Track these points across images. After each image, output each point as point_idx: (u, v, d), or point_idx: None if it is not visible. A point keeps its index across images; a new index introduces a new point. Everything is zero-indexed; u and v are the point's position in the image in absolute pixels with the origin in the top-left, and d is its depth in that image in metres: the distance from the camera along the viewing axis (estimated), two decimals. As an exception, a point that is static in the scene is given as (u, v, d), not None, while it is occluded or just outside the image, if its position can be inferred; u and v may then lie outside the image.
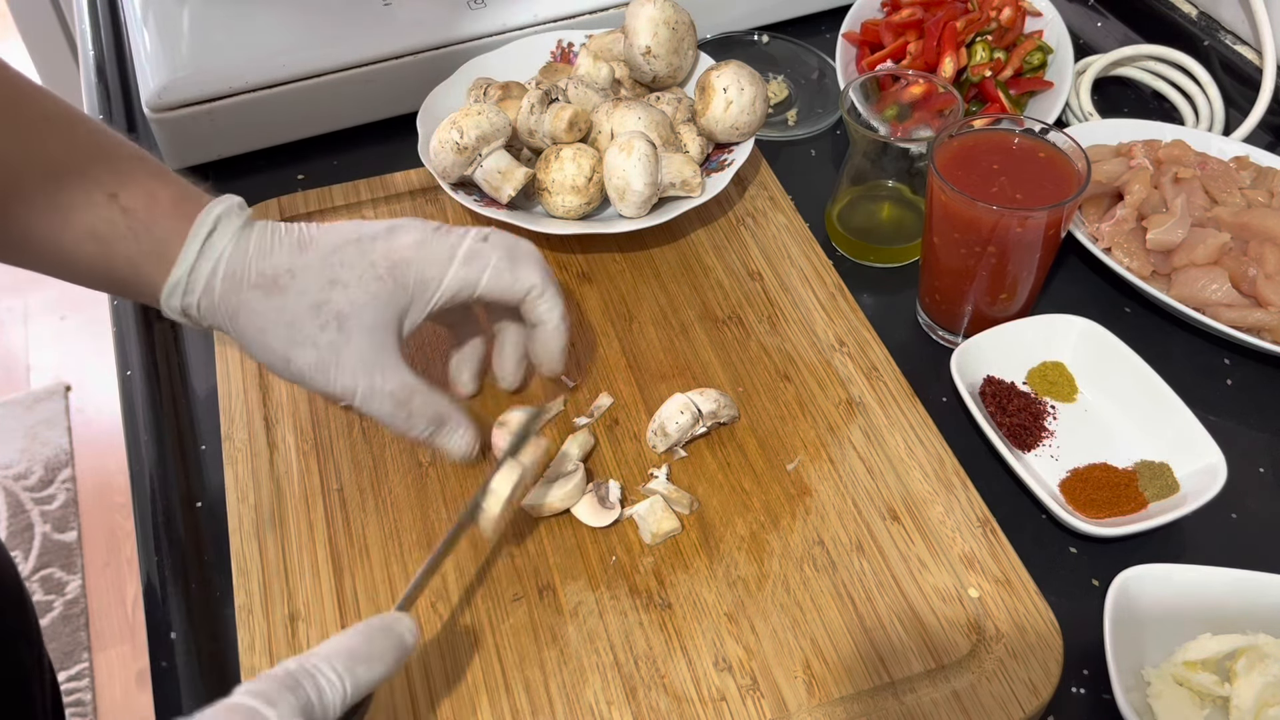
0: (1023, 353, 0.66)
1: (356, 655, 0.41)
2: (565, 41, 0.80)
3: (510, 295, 0.55)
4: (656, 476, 0.59)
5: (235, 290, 0.52)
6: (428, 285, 0.53)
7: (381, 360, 0.52)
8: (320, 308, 0.51)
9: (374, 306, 0.51)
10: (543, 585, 0.55)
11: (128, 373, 0.68)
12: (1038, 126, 0.64)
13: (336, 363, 0.51)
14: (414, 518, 0.58)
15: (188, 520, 0.60)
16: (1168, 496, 0.58)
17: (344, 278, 0.51)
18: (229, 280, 0.52)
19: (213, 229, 0.52)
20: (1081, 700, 0.53)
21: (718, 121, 0.71)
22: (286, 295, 0.51)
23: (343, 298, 0.51)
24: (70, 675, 1.58)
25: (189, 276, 0.52)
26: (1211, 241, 0.67)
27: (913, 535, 0.56)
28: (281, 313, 0.51)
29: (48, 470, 1.84)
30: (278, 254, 0.52)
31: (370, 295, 0.51)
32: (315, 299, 0.51)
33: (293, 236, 0.53)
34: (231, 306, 0.52)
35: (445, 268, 0.53)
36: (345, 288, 0.51)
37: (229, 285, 0.52)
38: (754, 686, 0.51)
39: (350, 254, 0.52)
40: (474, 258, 0.53)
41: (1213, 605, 0.53)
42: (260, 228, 0.53)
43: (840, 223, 0.74)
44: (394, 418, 0.53)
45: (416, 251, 0.53)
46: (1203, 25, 0.91)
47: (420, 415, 0.53)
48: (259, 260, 0.52)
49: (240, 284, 0.52)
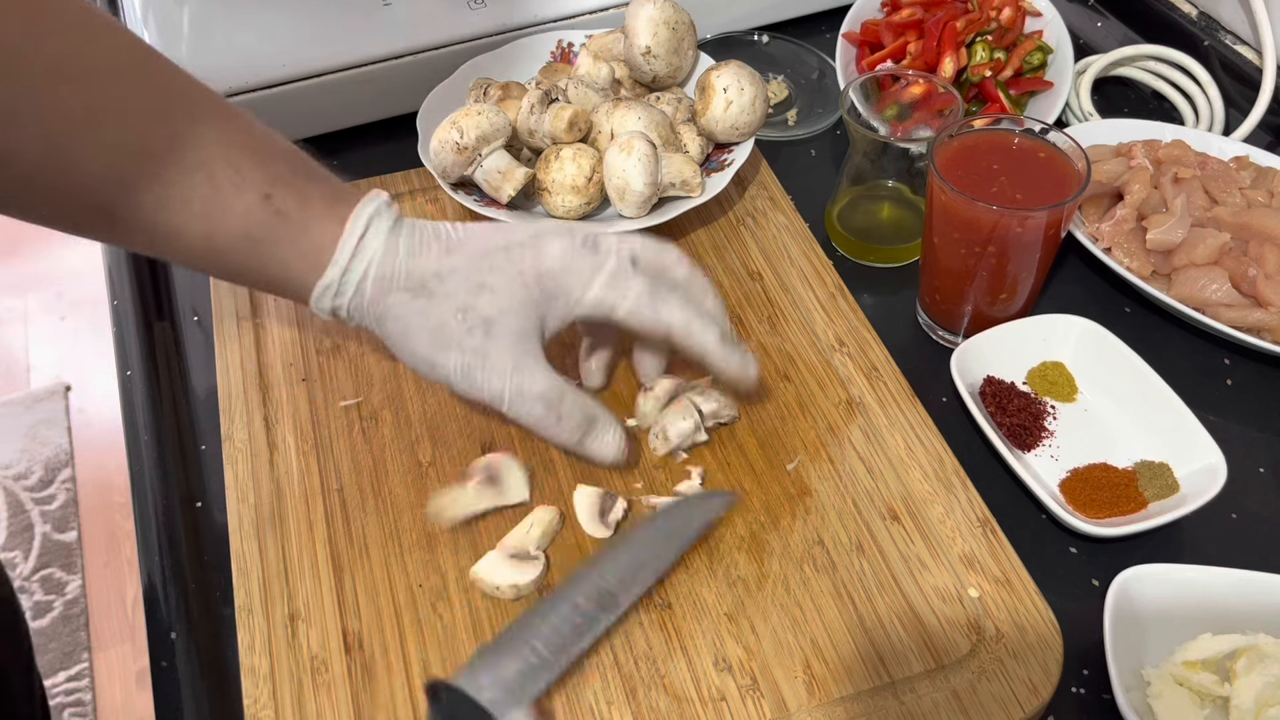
0: (1023, 353, 0.66)
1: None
2: (565, 41, 0.80)
3: (652, 331, 0.54)
4: (691, 477, 0.59)
5: (385, 293, 0.52)
6: (570, 298, 0.53)
7: (528, 364, 0.52)
8: (467, 312, 0.51)
9: (520, 312, 0.52)
10: (543, 585, 0.55)
11: (128, 373, 0.68)
12: (1038, 126, 0.64)
13: (483, 366, 0.52)
14: (414, 518, 0.58)
15: (188, 520, 0.60)
16: (1168, 496, 0.58)
17: (492, 283, 0.52)
18: (379, 283, 0.52)
19: (364, 231, 0.52)
20: (1081, 700, 0.53)
21: (718, 121, 0.71)
22: (434, 299, 0.52)
23: (490, 303, 0.51)
24: (70, 675, 1.58)
25: (341, 279, 0.52)
26: (1211, 241, 0.67)
27: (913, 535, 0.56)
28: (428, 316, 0.52)
29: (48, 470, 1.84)
30: (426, 257, 0.52)
31: (517, 301, 0.52)
32: (462, 302, 0.51)
33: (440, 240, 0.53)
34: (380, 309, 0.52)
35: (588, 286, 0.53)
36: (493, 293, 0.51)
37: (379, 288, 0.52)
38: (754, 686, 0.51)
39: (499, 260, 0.52)
40: (617, 282, 0.53)
41: (1213, 605, 0.53)
42: (408, 229, 0.53)
43: (840, 223, 0.74)
44: (544, 421, 0.53)
45: (562, 263, 0.52)
46: (1203, 25, 0.91)
47: (570, 418, 0.53)
48: (408, 262, 0.52)
49: (390, 287, 0.52)
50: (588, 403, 0.54)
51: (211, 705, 0.53)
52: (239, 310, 0.68)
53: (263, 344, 0.66)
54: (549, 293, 0.52)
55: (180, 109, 0.49)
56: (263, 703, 0.51)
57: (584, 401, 0.54)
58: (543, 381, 0.52)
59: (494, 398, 0.52)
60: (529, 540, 0.55)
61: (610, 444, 0.55)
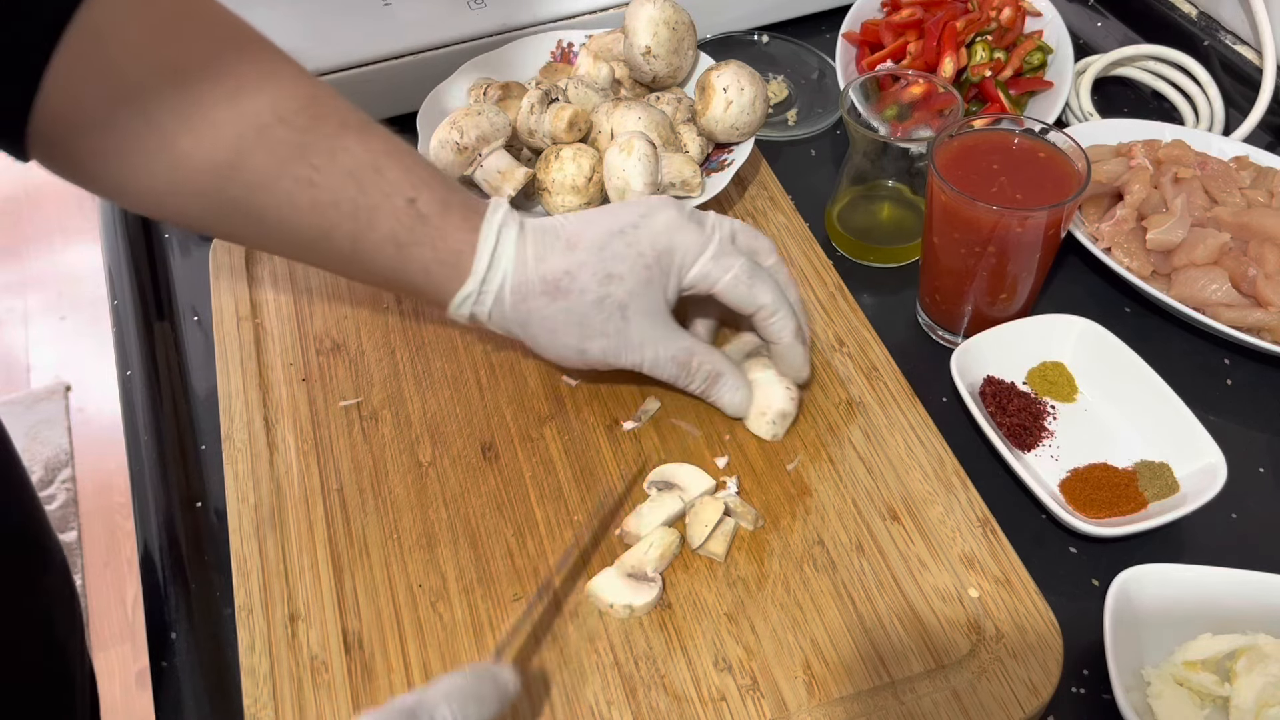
0: (1023, 353, 0.66)
1: (468, 694, 0.43)
2: (565, 41, 0.80)
3: (742, 307, 0.58)
4: (728, 486, 0.58)
5: (523, 300, 0.56)
6: (684, 269, 0.57)
7: (661, 333, 0.57)
8: (603, 302, 0.55)
9: (647, 291, 0.56)
10: (543, 585, 0.55)
11: (128, 373, 0.68)
12: (1038, 126, 0.64)
13: (626, 345, 0.57)
14: (414, 518, 0.58)
15: (188, 520, 0.60)
16: (1168, 496, 0.58)
17: (618, 271, 0.55)
18: (517, 291, 0.55)
19: (496, 241, 0.55)
20: (1081, 700, 0.53)
21: (718, 121, 0.71)
22: (570, 297, 0.55)
23: (620, 289, 0.55)
24: (70, 675, 1.58)
25: (480, 289, 0.55)
26: (1211, 241, 0.67)
27: (913, 535, 0.56)
28: (570, 314, 0.56)
29: (48, 470, 1.84)
30: (553, 258, 0.55)
31: (643, 283, 0.56)
32: (597, 295, 0.55)
33: (561, 237, 0.56)
34: (522, 315, 0.56)
35: (696, 258, 0.56)
36: (621, 280, 0.55)
37: (517, 296, 0.56)
38: (754, 686, 0.51)
39: (619, 247, 0.55)
40: (721, 257, 0.56)
41: (1213, 605, 0.53)
42: (532, 232, 0.56)
43: (840, 223, 0.74)
44: (678, 378, 0.59)
45: (673, 237, 0.56)
46: (1203, 25, 0.91)
47: (699, 372, 0.59)
48: (539, 268, 0.55)
49: (527, 294, 0.55)
50: (715, 359, 0.59)
51: (211, 705, 0.53)
52: (239, 310, 0.68)
53: (263, 344, 0.66)
54: (667, 269, 0.56)
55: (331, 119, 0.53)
56: (263, 703, 0.51)
57: (711, 357, 0.59)
58: (674, 345, 0.58)
59: (635, 366, 0.58)
60: (647, 561, 0.54)
61: (734, 393, 0.60)
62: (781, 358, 0.60)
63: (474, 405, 0.63)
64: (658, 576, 0.54)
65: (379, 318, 0.68)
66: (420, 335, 0.67)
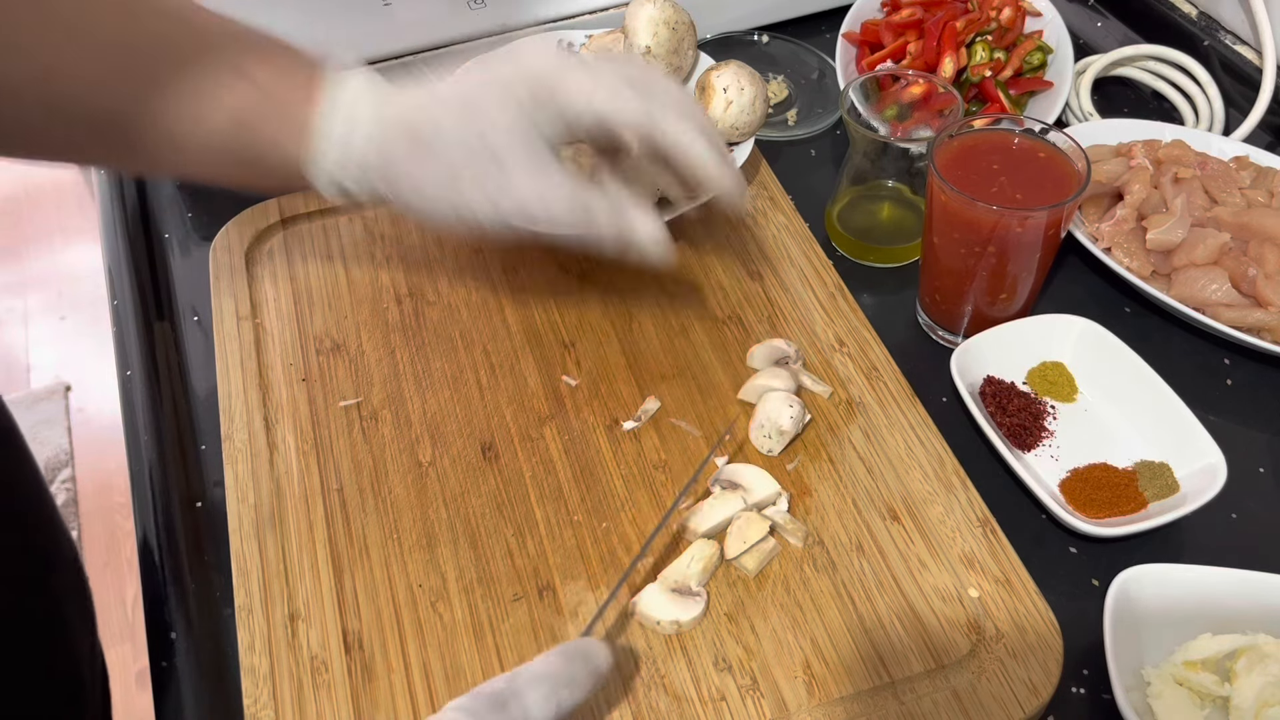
0: (1023, 353, 0.66)
1: (559, 679, 0.42)
2: (565, 41, 0.79)
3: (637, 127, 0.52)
4: (777, 505, 0.57)
5: (388, 160, 0.51)
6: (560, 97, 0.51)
7: (546, 175, 0.51)
8: (474, 152, 0.50)
9: (523, 132, 0.51)
10: (543, 585, 0.55)
11: (128, 373, 0.68)
12: (1038, 126, 0.64)
13: (508, 194, 0.51)
14: (414, 518, 0.58)
15: (188, 520, 0.60)
16: (1168, 496, 0.58)
17: (487, 110, 0.50)
18: (377, 145, 0.51)
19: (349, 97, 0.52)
20: (1081, 700, 0.53)
21: (718, 121, 0.71)
22: (436, 147, 0.51)
23: (493, 132, 0.50)
24: (70, 675, 1.58)
25: (339, 149, 0.51)
26: (1211, 241, 0.67)
27: (913, 535, 0.56)
28: (438, 169, 0.51)
29: (48, 470, 1.84)
30: (414, 109, 0.51)
31: (517, 122, 0.50)
32: (464, 140, 0.50)
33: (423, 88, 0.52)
34: (388, 173, 0.52)
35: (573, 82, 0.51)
36: (492, 122, 0.50)
37: (379, 151, 0.51)
38: (754, 686, 0.51)
39: (485, 86, 0.51)
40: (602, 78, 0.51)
41: (1213, 605, 0.53)
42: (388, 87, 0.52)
43: (840, 223, 0.74)
44: (579, 224, 0.52)
45: (545, 65, 0.51)
46: (1203, 25, 0.91)
47: (601, 210, 0.52)
48: (399, 118, 0.51)
49: (389, 148, 0.51)
50: (614, 192, 0.53)
51: (211, 705, 0.53)
52: (239, 310, 0.68)
53: (263, 344, 0.66)
54: (541, 101, 0.51)
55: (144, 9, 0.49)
56: (263, 703, 0.51)
57: (610, 191, 0.53)
58: (565, 184, 0.51)
59: (524, 218, 0.51)
60: (690, 575, 0.54)
61: (646, 225, 0.53)
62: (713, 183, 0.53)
63: (474, 405, 0.63)
64: (702, 590, 0.54)
65: (379, 318, 0.68)
66: (420, 335, 0.67)
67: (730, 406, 0.62)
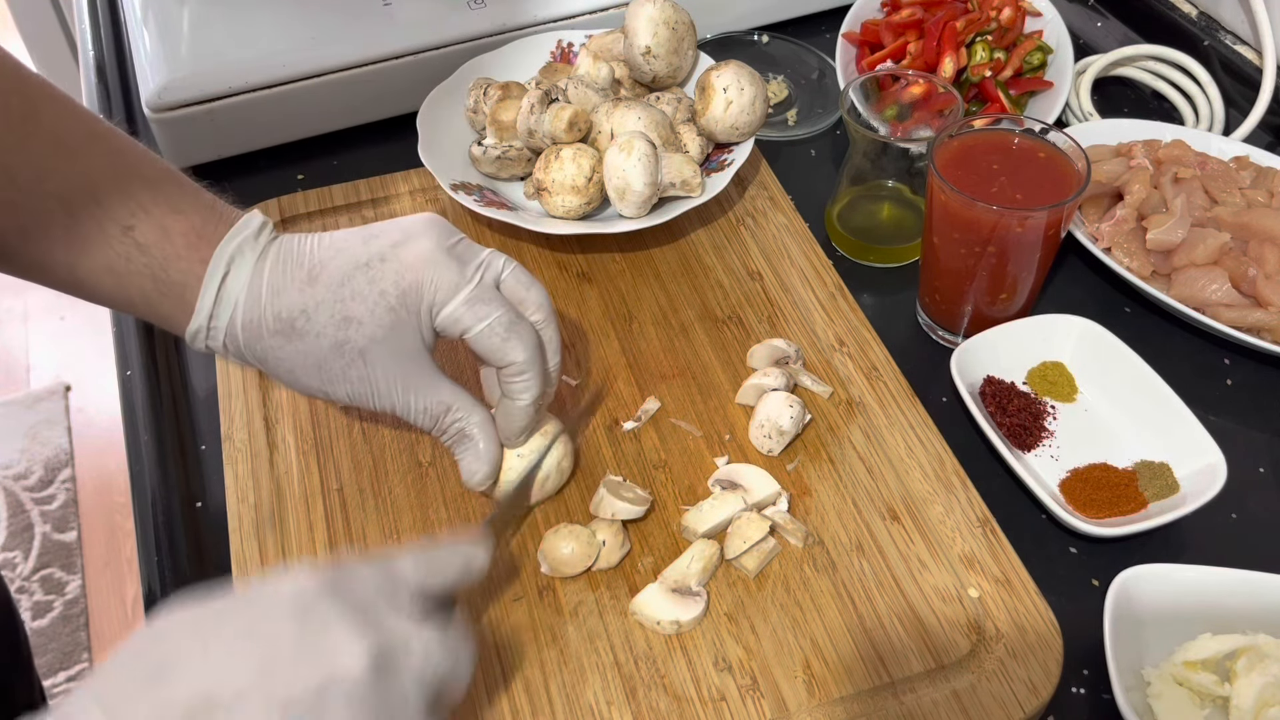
0: (1023, 353, 0.66)
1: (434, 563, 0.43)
2: (565, 41, 0.80)
3: (491, 360, 0.53)
4: (778, 505, 0.57)
5: (258, 338, 0.51)
6: (434, 310, 0.52)
7: (414, 380, 0.52)
8: (341, 347, 0.51)
9: (392, 337, 0.51)
10: (543, 585, 0.55)
11: (128, 373, 0.68)
12: (1038, 126, 0.64)
13: (371, 390, 0.52)
14: (414, 518, 0.58)
15: (188, 520, 0.60)
16: (1168, 496, 0.58)
17: (356, 314, 0.50)
18: (249, 328, 0.51)
19: (225, 273, 0.51)
20: (1081, 700, 0.53)
21: (718, 121, 0.71)
22: (305, 339, 0.51)
23: (360, 334, 0.50)
24: (70, 675, 1.58)
25: (209, 325, 0.51)
26: (1211, 241, 0.67)
27: (913, 535, 0.56)
28: (306, 356, 0.51)
29: (48, 470, 1.84)
30: (290, 293, 0.51)
31: (386, 327, 0.51)
32: (334, 339, 0.50)
33: (303, 269, 0.51)
34: (258, 352, 0.52)
35: (448, 299, 0.51)
36: (360, 324, 0.50)
37: (250, 333, 0.51)
38: (754, 686, 0.51)
39: (359, 284, 0.51)
40: (477, 303, 0.51)
41: (1213, 605, 0.53)
42: (274, 257, 0.52)
43: (840, 223, 0.74)
44: (433, 431, 0.54)
45: (422, 273, 0.51)
46: (1203, 25, 0.91)
47: (451, 429, 0.54)
48: (274, 303, 0.51)
49: (261, 332, 0.51)
50: (473, 418, 0.54)
51: (211, 705, 0.53)
52: (239, 310, 0.68)
53: (263, 344, 0.66)
54: (412, 308, 0.51)
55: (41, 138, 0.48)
56: (263, 703, 0.50)
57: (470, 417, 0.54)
58: (427, 396, 0.53)
59: (390, 412, 0.53)
60: (690, 575, 0.54)
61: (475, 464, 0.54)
62: (504, 415, 0.54)
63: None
64: (703, 590, 0.54)
65: (379, 318, 0.68)
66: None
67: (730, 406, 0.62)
